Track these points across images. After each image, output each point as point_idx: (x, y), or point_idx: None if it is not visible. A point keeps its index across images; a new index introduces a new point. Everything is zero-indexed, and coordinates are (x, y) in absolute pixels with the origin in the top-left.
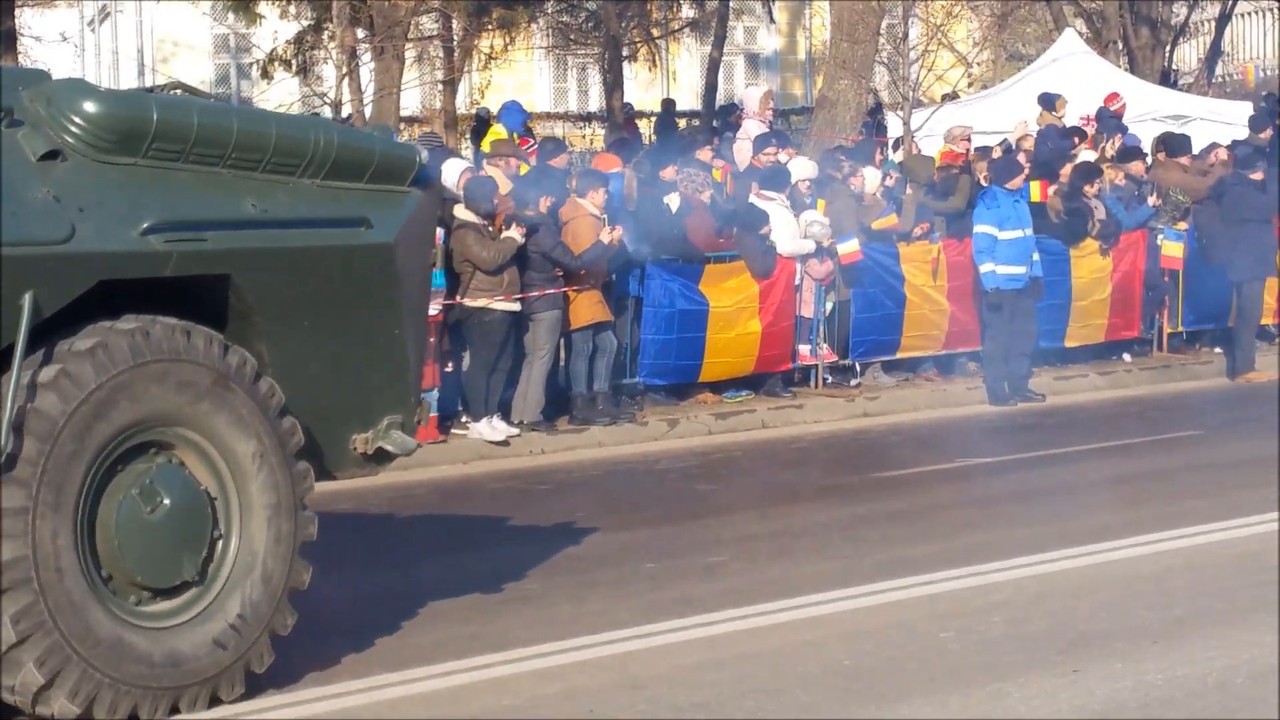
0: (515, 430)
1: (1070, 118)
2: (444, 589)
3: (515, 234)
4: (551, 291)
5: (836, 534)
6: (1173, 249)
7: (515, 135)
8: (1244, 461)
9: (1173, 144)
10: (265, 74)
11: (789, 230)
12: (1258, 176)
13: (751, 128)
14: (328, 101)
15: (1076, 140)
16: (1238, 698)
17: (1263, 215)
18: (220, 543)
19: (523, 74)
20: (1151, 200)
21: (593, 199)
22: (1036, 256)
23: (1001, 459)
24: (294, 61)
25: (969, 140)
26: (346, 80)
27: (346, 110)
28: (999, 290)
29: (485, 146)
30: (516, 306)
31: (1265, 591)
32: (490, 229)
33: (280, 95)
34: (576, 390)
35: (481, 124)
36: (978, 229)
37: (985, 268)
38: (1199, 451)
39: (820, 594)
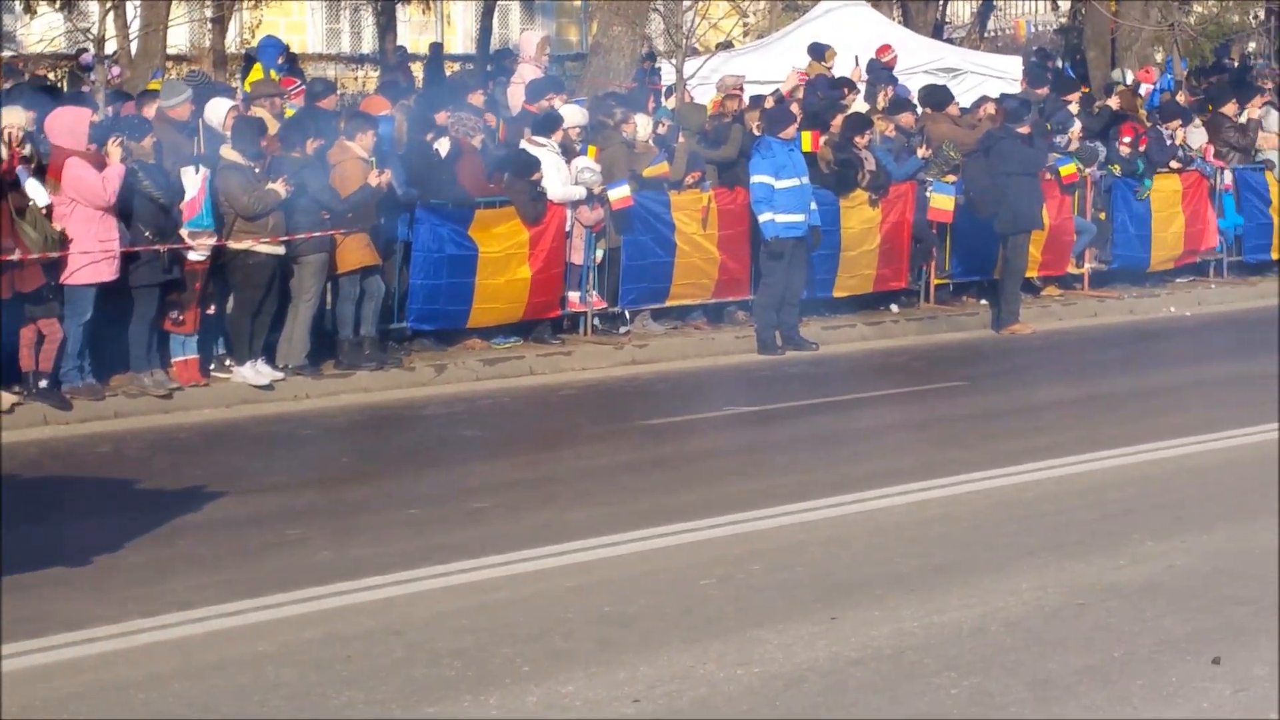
0: (280, 374)
1: (843, 68)
2: (200, 534)
3: (279, 187)
4: (318, 234)
5: (602, 481)
6: (942, 201)
7: (275, 73)
8: (1006, 412)
9: (935, 97)
10: (28, 8)
11: (560, 176)
12: (1025, 130)
13: (526, 73)
14: (91, 37)
15: (846, 91)
16: (993, 645)
17: (1029, 169)
18: None
19: (295, 14)
20: (920, 152)
21: (361, 142)
22: (814, 206)
23: (767, 408)
24: None
25: (742, 90)
26: (111, 15)
27: (111, 46)
28: (779, 239)
29: (246, 87)
30: (281, 250)
31: (1022, 539)
32: (257, 170)
33: (42, 30)
34: (343, 335)
35: (250, 64)
36: (755, 178)
37: (764, 216)
38: (963, 402)
39: (583, 541)
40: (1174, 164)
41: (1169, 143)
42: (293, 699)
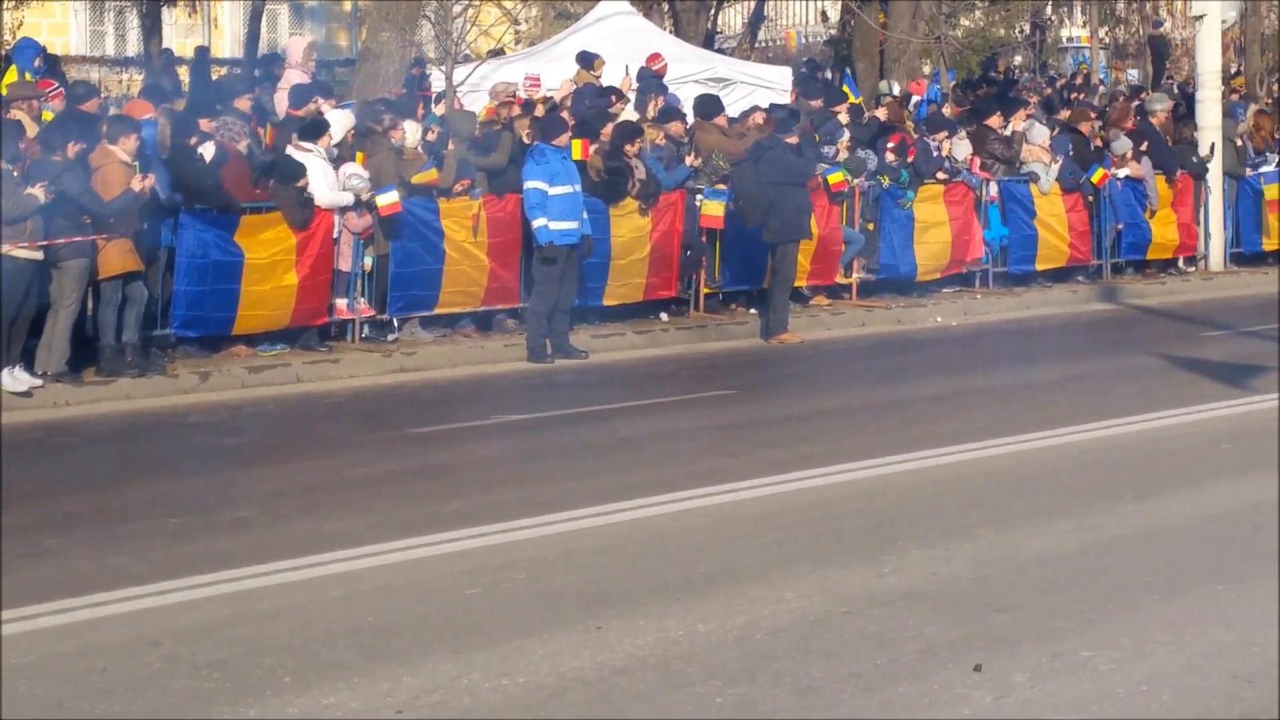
0: (39, 381)
1: (613, 77)
2: None
3: (38, 191)
4: (79, 239)
5: (367, 490)
6: (713, 208)
7: (30, 75)
8: (774, 420)
9: (706, 106)
10: None
11: (327, 182)
12: (793, 140)
13: (293, 78)
14: None
15: (614, 99)
16: (757, 653)
17: (798, 179)
18: None
19: (58, 15)
20: (689, 160)
21: (124, 146)
22: (585, 215)
23: (536, 416)
24: None
25: (516, 98)
26: None
27: None
28: (553, 245)
29: (2, 89)
30: (40, 255)
31: (788, 548)
32: (15, 174)
33: None
34: (105, 341)
35: (6, 66)
36: (528, 185)
37: (538, 223)
38: (731, 411)
39: (347, 550)
40: (940, 175)
41: (936, 154)
42: (45, 712)
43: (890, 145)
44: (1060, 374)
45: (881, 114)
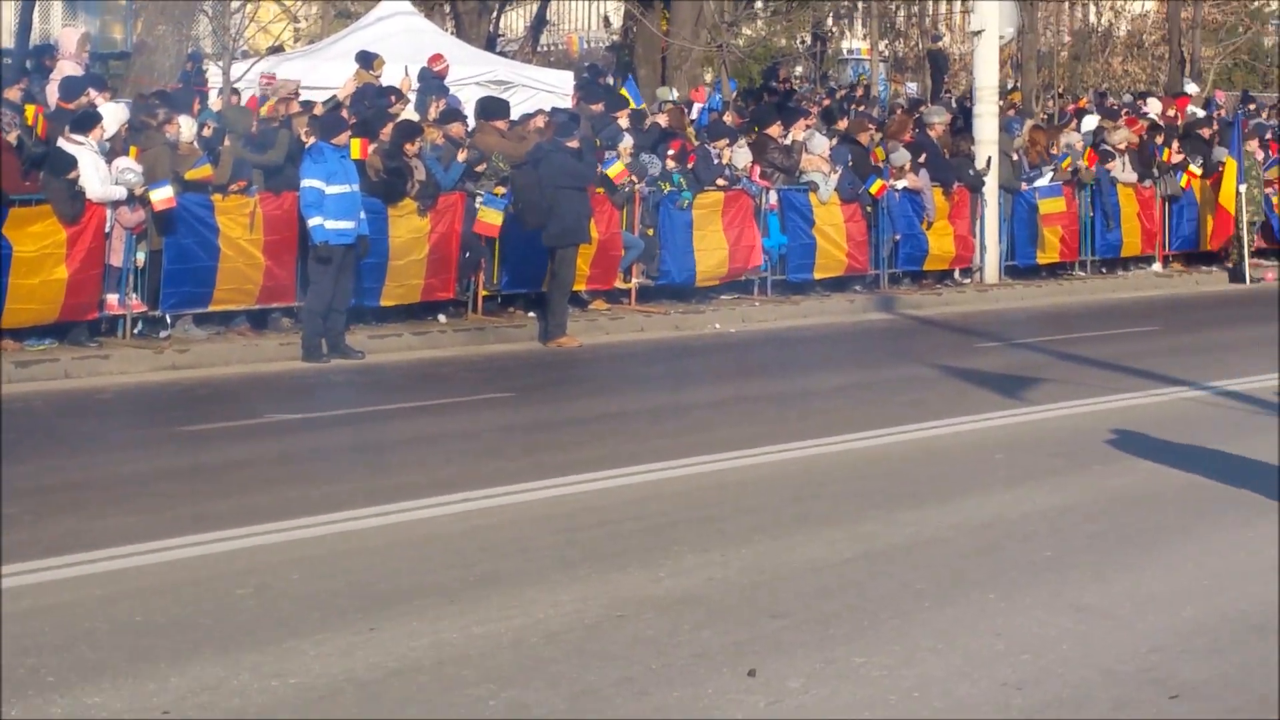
0: None
1: (393, 77)
2: None
3: None
4: None
5: (136, 488)
6: (490, 216)
7: None
8: (551, 424)
9: (490, 108)
10: None
11: (99, 175)
12: (574, 144)
13: (65, 69)
14: None
15: (393, 99)
16: (533, 656)
17: (578, 183)
18: None
19: None
20: (461, 155)
21: None
22: (363, 215)
23: (311, 416)
24: None
25: (297, 95)
26: None
27: None
28: (328, 244)
29: None
30: None
31: (564, 551)
32: None
33: None
34: None
35: None
36: (305, 183)
37: (314, 221)
38: (508, 413)
39: (114, 549)
40: (720, 182)
41: (716, 161)
42: None
43: (670, 152)
44: (837, 382)
45: (662, 120)
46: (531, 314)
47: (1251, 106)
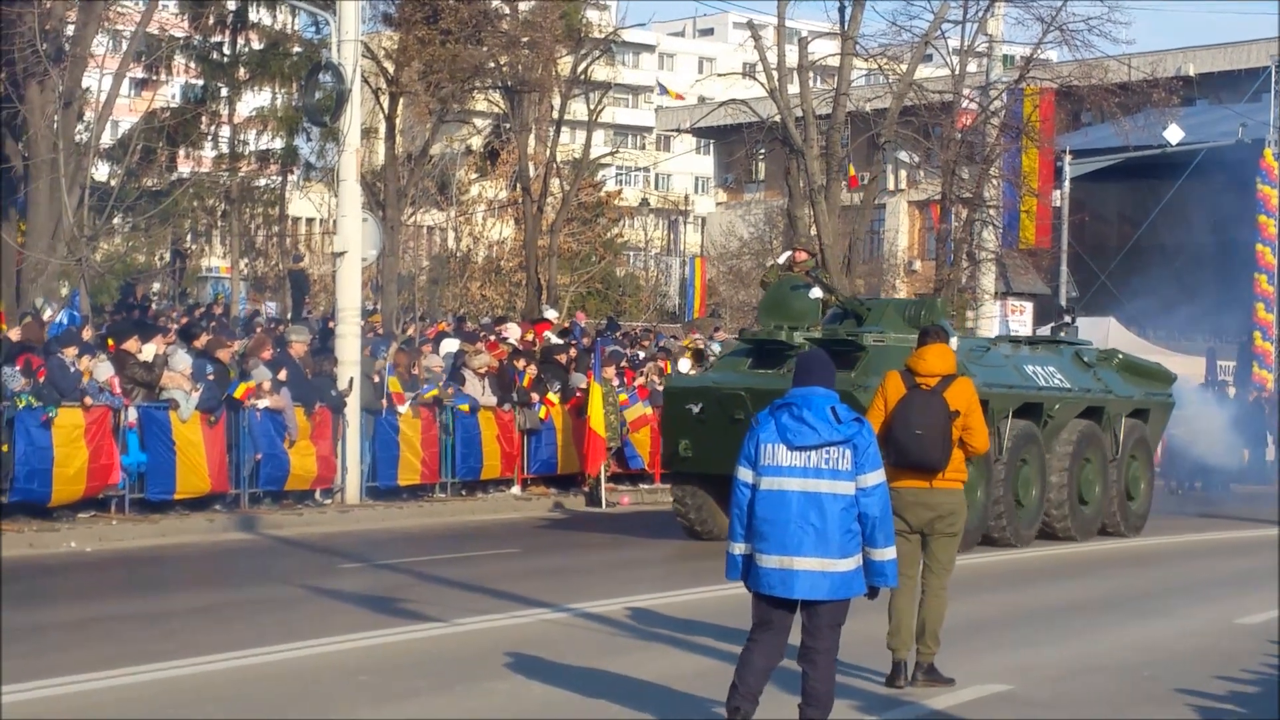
0: None
1: None
2: None
3: None
4: None
5: None
6: None
7: None
8: None
9: None
10: None
11: None
12: None
13: None
14: None
15: None
16: None
17: None
18: None
19: None
20: None
21: None
22: None
23: None
24: None
25: None
26: None
27: None
28: None
29: None
30: None
31: None
32: None
33: None
34: None
35: None
36: None
37: None
38: None
39: None
40: (86, 400)
41: (74, 372)
42: None
43: (18, 367)
44: (200, 602)
45: (15, 334)
46: None
47: (619, 334)
